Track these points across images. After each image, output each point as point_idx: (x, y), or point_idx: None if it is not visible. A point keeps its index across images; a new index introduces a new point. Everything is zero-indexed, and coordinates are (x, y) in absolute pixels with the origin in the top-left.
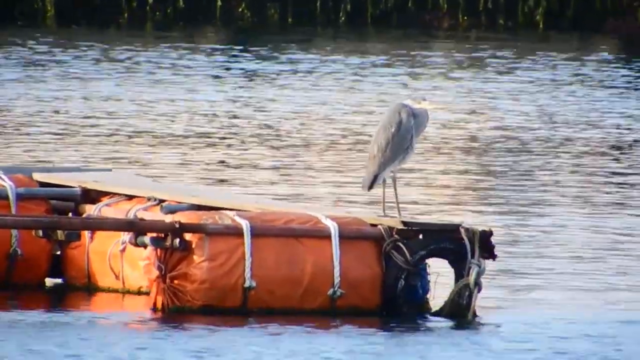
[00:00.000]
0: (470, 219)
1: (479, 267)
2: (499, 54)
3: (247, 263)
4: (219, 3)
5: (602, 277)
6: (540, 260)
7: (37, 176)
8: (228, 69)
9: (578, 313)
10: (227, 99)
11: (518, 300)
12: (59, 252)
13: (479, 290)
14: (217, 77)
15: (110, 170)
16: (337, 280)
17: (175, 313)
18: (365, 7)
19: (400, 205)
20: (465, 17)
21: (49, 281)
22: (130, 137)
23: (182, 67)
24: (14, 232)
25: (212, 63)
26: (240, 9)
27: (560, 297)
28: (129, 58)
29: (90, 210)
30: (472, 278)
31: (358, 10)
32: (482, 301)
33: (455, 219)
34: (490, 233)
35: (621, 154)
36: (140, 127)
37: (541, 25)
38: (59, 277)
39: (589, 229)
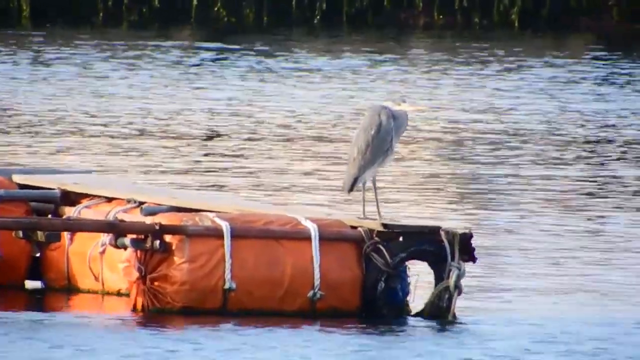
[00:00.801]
0: (450, 221)
1: (459, 269)
2: (475, 52)
3: (227, 265)
4: (195, 2)
5: (583, 279)
6: (520, 262)
7: (17, 178)
8: (203, 68)
9: (558, 315)
10: (204, 100)
11: (497, 302)
12: (38, 254)
13: (459, 293)
14: (193, 76)
15: (90, 172)
16: (317, 282)
17: (155, 314)
18: (340, 6)
19: (380, 208)
20: (441, 16)
21: (29, 283)
22: (112, 137)
23: (157, 67)
24: None
25: (187, 63)
26: (215, 9)
27: (539, 299)
28: (104, 58)
29: (69, 212)
30: (452, 281)
31: (333, 8)
32: (461, 303)
33: (435, 222)
34: (471, 235)
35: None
36: (120, 129)
37: (516, 24)
38: (38, 279)
39: (571, 231)
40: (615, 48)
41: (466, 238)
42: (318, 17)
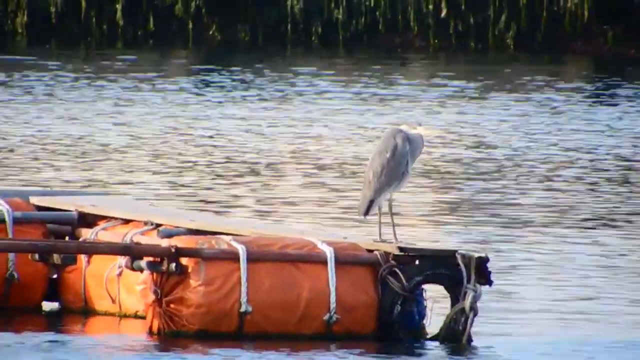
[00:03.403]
0: (466, 244)
1: (475, 292)
2: (470, 77)
3: (243, 288)
4: (190, 25)
5: (598, 302)
6: (536, 285)
7: (34, 200)
8: (199, 90)
9: (573, 338)
10: (200, 120)
11: (513, 326)
12: (55, 276)
13: (474, 315)
14: (189, 99)
15: (107, 194)
16: (333, 305)
17: (171, 337)
18: (336, 30)
19: (396, 231)
20: (436, 40)
21: (46, 305)
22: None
23: (156, 90)
24: (11, 255)
25: (184, 85)
26: (210, 32)
27: (555, 323)
28: (101, 79)
29: (87, 234)
30: (467, 302)
31: (329, 33)
32: (476, 326)
33: (451, 245)
34: (487, 259)
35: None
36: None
37: (511, 48)
38: (55, 301)
39: (587, 254)
40: (609, 72)
41: (482, 262)
42: (315, 41)
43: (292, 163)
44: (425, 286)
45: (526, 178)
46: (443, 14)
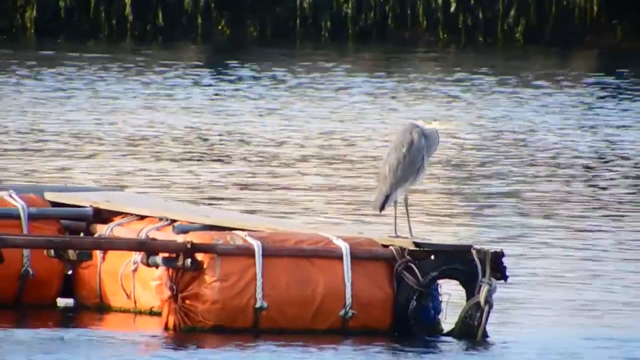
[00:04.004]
0: (481, 239)
1: (490, 285)
2: (480, 71)
3: (259, 283)
4: (199, 20)
5: (616, 297)
6: (552, 280)
7: (49, 196)
8: (209, 85)
9: (591, 333)
10: (212, 116)
11: (528, 321)
12: (70, 272)
13: (490, 309)
14: (200, 94)
15: (121, 190)
16: (348, 300)
17: (186, 333)
18: (345, 25)
19: (412, 226)
20: (445, 35)
21: (61, 301)
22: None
23: (165, 84)
24: (26, 252)
25: (194, 80)
26: (219, 26)
27: (572, 318)
28: (114, 75)
29: (101, 230)
30: (482, 296)
31: (338, 27)
32: (492, 321)
33: (467, 240)
34: (502, 254)
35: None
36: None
37: (521, 42)
38: (70, 297)
39: (603, 248)
40: (619, 65)
41: (498, 256)
42: (325, 35)
43: (306, 158)
44: (440, 281)
45: (541, 172)
46: (452, 8)
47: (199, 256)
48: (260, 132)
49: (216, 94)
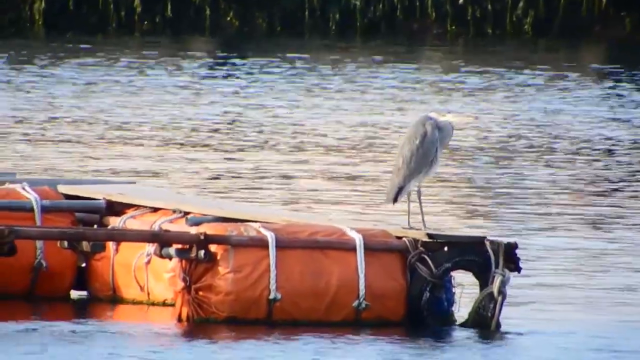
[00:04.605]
0: (494, 231)
1: (503, 276)
2: (490, 62)
3: (272, 275)
4: (207, 12)
5: (630, 289)
6: (566, 271)
7: (62, 188)
8: (219, 77)
9: (604, 326)
10: (223, 108)
11: (542, 312)
12: (83, 265)
13: (503, 299)
14: (209, 86)
15: (134, 182)
16: (362, 292)
17: (200, 324)
18: (353, 17)
19: (425, 218)
20: (453, 26)
21: (74, 293)
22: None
23: (174, 76)
24: (39, 244)
25: (202, 72)
26: (228, 18)
27: (585, 309)
28: (122, 67)
29: (115, 222)
30: (496, 286)
31: (346, 19)
32: (505, 313)
33: (480, 232)
34: (515, 245)
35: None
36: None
37: (529, 34)
38: (83, 290)
39: (616, 241)
40: (628, 57)
41: (511, 248)
42: (333, 27)
43: (319, 149)
44: (454, 273)
45: (557, 163)
46: (461, 0)
47: (213, 247)
48: (275, 123)
49: (229, 86)
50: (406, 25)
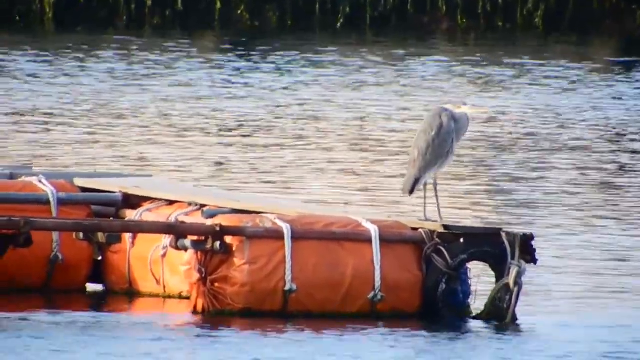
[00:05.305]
0: (511, 222)
1: (519, 267)
2: (501, 56)
3: (288, 266)
4: (218, 5)
5: None
6: (585, 264)
7: (79, 181)
8: (232, 70)
9: (621, 318)
10: (236, 101)
11: (558, 305)
12: (99, 258)
13: (519, 290)
14: (221, 79)
15: (150, 176)
16: (377, 283)
17: (215, 316)
18: (363, 9)
19: (441, 209)
20: (464, 20)
21: (90, 286)
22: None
23: (185, 70)
24: (55, 236)
25: (216, 65)
26: (239, 11)
27: (601, 302)
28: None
29: (131, 215)
30: (512, 277)
31: (357, 12)
32: (521, 305)
33: (496, 223)
34: (532, 237)
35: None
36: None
37: (540, 28)
38: (99, 283)
39: (630, 235)
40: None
41: (527, 239)
42: (341, 20)
43: (334, 143)
44: (469, 264)
45: (572, 156)
46: None
47: (228, 239)
48: (288, 117)
49: (241, 80)
50: (417, 19)
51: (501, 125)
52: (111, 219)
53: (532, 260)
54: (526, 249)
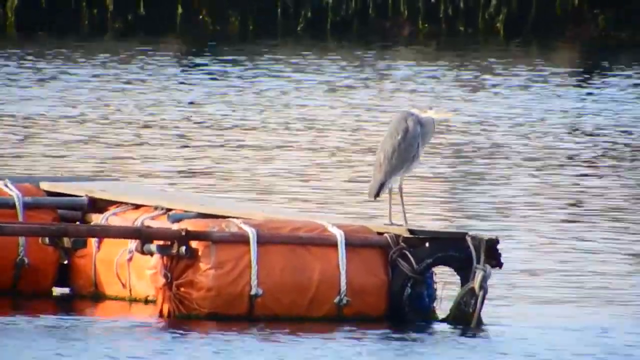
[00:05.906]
0: (476, 227)
1: (484, 271)
2: (462, 60)
3: (254, 271)
4: (180, 10)
5: (612, 286)
6: (548, 268)
7: (45, 185)
8: (195, 74)
9: (584, 322)
10: (196, 106)
11: (523, 309)
12: (66, 262)
13: (484, 294)
14: (184, 83)
15: (117, 179)
16: (343, 288)
17: (181, 320)
18: (325, 14)
19: (406, 214)
20: (426, 25)
21: (56, 290)
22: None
23: (147, 75)
24: (21, 240)
25: (177, 70)
26: (201, 16)
27: (565, 306)
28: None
29: (97, 219)
30: (477, 282)
31: (318, 17)
32: (486, 309)
33: (461, 227)
34: (497, 241)
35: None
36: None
37: (502, 32)
38: (65, 287)
39: (601, 238)
40: (601, 56)
41: (492, 244)
42: (302, 24)
43: (301, 147)
44: (435, 269)
45: (538, 158)
46: None
47: (194, 244)
48: (259, 121)
49: (204, 84)
50: (378, 23)
51: (465, 131)
52: (77, 223)
53: (498, 264)
54: (491, 253)
